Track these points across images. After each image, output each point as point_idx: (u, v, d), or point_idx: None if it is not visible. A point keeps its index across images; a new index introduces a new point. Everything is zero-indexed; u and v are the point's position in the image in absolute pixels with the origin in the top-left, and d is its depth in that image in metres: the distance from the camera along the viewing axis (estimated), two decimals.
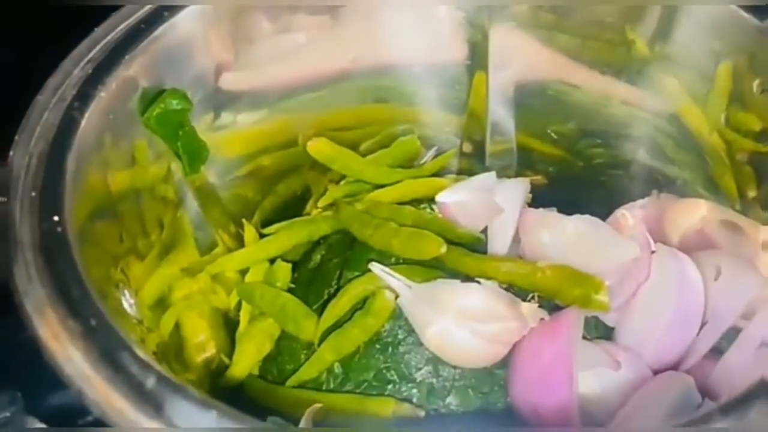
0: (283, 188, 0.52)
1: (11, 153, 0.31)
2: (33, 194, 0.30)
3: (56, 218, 0.29)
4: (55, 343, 0.25)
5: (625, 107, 0.48)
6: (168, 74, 0.39)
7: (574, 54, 0.47)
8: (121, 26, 0.37)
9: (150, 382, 0.24)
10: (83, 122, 0.33)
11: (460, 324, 0.38)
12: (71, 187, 0.30)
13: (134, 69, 0.37)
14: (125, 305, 0.33)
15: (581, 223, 0.42)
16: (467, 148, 0.54)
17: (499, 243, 0.43)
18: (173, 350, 0.38)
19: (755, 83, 0.38)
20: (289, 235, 0.48)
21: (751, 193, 0.42)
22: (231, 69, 0.42)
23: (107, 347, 0.25)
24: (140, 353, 0.25)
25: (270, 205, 0.52)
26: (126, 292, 0.33)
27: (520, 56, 0.49)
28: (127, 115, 0.36)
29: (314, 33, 0.46)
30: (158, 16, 0.38)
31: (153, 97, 0.38)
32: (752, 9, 0.37)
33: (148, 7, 0.38)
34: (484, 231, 0.44)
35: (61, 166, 0.31)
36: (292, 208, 0.52)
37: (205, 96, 0.42)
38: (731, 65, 0.40)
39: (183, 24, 0.39)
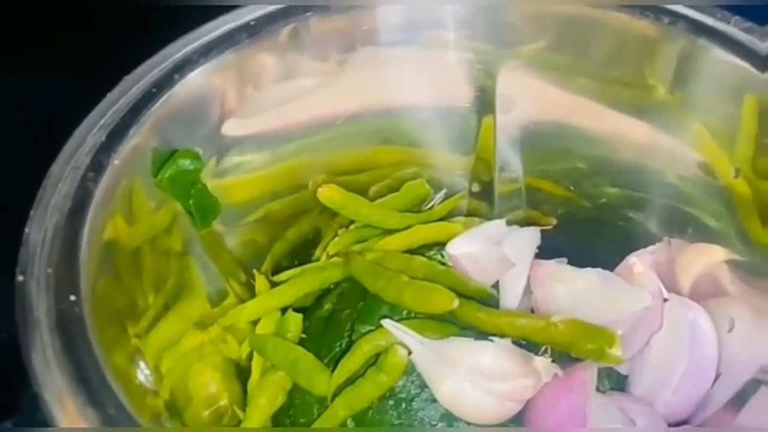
0: (293, 233, 0.52)
1: (27, 230, 0.31)
2: (49, 271, 0.30)
3: (73, 297, 0.29)
4: None
5: (643, 150, 0.48)
6: (178, 133, 0.39)
7: (588, 95, 0.47)
8: (133, 90, 0.37)
9: None
10: (97, 192, 0.33)
11: (474, 382, 0.38)
12: (86, 260, 0.30)
13: (146, 132, 0.37)
14: (141, 377, 0.33)
15: (593, 277, 0.42)
16: (476, 188, 0.54)
17: (510, 296, 0.43)
18: (183, 404, 0.38)
19: None
20: (300, 283, 0.48)
21: None
22: (236, 116, 0.42)
23: None
24: None
25: (280, 251, 0.52)
26: (141, 363, 0.33)
27: (530, 98, 0.49)
28: (139, 179, 0.37)
29: (321, 78, 0.46)
30: (169, 78, 0.38)
31: (165, 158, 0.39)
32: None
33: (158, 69, 0.38)
34: (496, 283, 0.44)
35: (77, 240, 0.31)
36: (302, 252, 0.52)
37: (214, 146, 0.42)
38: (756, 111, 0.40)
39: (193, 83, 0.39)
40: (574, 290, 0.42)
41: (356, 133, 0.50)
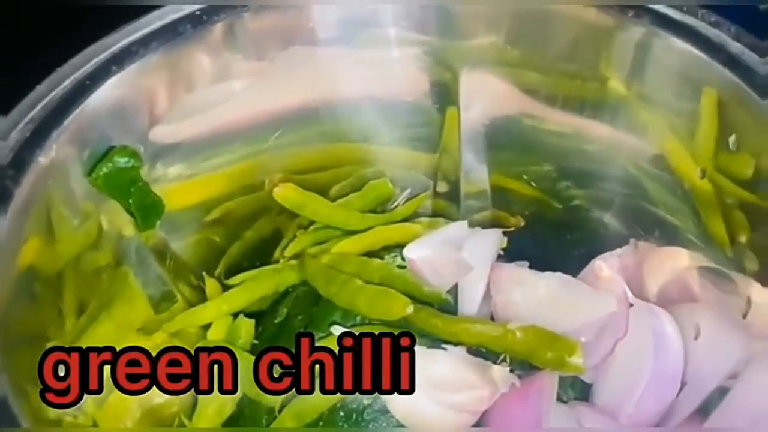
0: (252, 234, 0.50)
1: None
2: None
3: None
4: None
5: (603, 147, 0.46)
6: (114, 131, 0.37)
7: (543, 92, 0.45)
8: (65, 83, 0.35)
9: None
10: (17, 192, 0.31)
11: (428, 394, 0.36)
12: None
13: (78, 129, 0.34)
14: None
15: (554, 281, 0.40)
16: (441, 187, 0.53)
17: (469, 301, 0.41)
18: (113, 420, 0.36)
19: (731, 139, 0.36)
20: (254, 287, 0.46)
21: (743, 239, 0.40)
22: (167, 120, 0.40)
23: None
24: None
25: (237, 252, 0.50)
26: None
27: (487, 95, 0.47)
28: (67, 182, 0.34)
29: (266, 76, 0.43)
30: (106, 70, 0.36)
31: (100, 155, 0.37)
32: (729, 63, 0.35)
33: (94, 61, 0.36)
34: (455, 285, 0.42)
35: None
36: (262, 253, 0.50)
37: (154, 146, 0.40)
38: (715, 107, 0.38)
39: (130, 78, 0.37)
40: (534, 296, 0.40)
41: (312, 131, 0.48)
